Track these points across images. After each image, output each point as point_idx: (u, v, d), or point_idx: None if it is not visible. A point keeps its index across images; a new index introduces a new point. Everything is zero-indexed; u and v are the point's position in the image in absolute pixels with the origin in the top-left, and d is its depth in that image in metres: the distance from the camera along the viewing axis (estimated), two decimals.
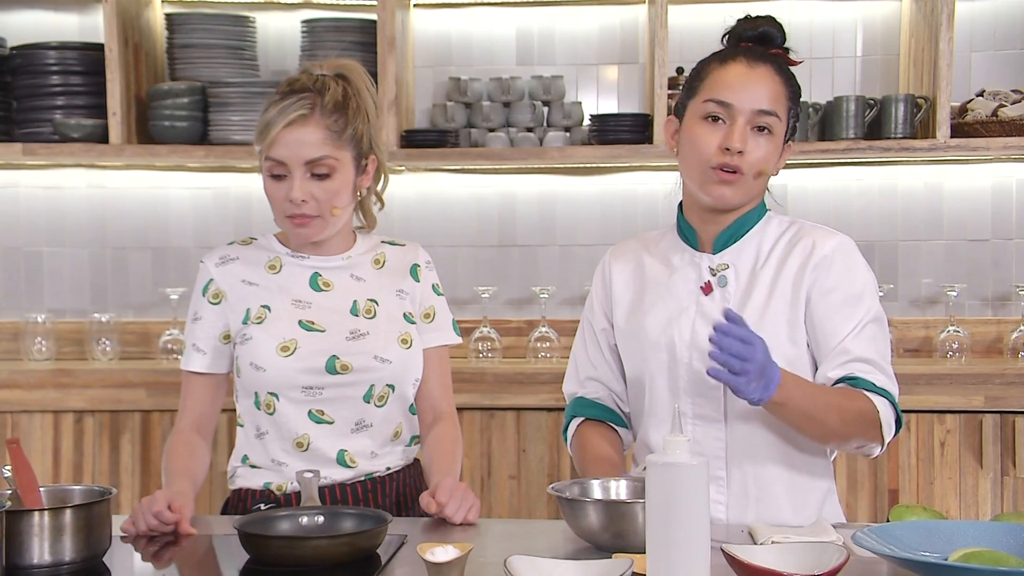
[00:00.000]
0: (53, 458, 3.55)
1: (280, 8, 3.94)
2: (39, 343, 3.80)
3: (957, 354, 3.62)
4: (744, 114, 2.08)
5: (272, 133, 2.14)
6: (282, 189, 2.17)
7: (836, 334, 2.09)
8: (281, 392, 2.21)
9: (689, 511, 1.42)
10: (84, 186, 3.97)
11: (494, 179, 3.93)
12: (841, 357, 2.07)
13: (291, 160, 2.15)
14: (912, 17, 3.74)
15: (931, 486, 3.43)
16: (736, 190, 2.10)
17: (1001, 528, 1.70)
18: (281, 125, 2.13)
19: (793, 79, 2.15)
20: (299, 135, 2.14)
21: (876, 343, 2.10)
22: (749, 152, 2.07)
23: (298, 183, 2.15)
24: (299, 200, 2.15)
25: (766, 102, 2.08)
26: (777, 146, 2.12)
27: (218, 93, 3.67)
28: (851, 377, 2.06)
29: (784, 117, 2.11)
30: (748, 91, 2.08)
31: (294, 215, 2.18)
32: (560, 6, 3.91)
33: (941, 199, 3.84)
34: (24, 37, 3.82)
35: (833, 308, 2.09)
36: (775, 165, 2.14)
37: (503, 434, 3.52)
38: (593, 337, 2.30)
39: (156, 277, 3.95)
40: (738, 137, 2.07)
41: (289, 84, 2.21)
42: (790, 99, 2.12)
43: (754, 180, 2.10)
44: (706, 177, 2.10)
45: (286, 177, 2.16)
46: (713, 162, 2.08)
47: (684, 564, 1.42)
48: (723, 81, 2.10)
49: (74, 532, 1.74)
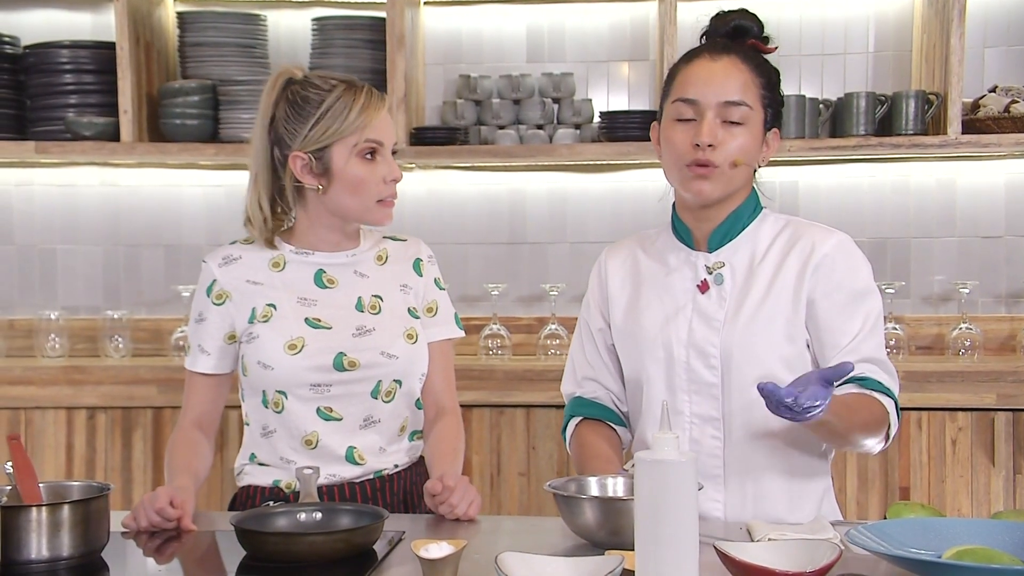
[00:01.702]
0: (66, 454, 3.58)
1: (291, 6, 3.95)
2: (52, 340, 3.83)
3: (969, 351, 3.60)
4: (711, 108, 2.07)
5: (370, 115, 2.20)
6: (378, 170, 2.22)
7: (844, 333, 2.08)
8: (289, 390, 2.22)
9: (677, 508, 1.42)
10: (97, 184, 3.99)
11: (504, 176, 3.93)
12: (851, 357, 2.07)
13: (388, 139, 2.25)
14: (924, 13, 3.72)
15: (942, 484, 3.41)
16: (714, 184, 2.09)
17: (997, 526, 1.69)
18: (378, 108, 2.22)
19: (766, 67, 2.13)
20: (388, 117, 2.26)
21: (880, 342, 2.11)
22: (721, 144, 2.07)
23: (393, 162, 2.26)
24: (399, 176, 2.26)
25: (732, 92, 2.07)
26: (754, 135, 2.10)
27: (228, 91, 3.68)
28: (861, 378, 2.06)
29: (757, 105, 2.10)
30: (712, 85, 2.08)
31: (388, 197, 2.25)
32: (571, 3, 3.91)
33: (954, 195, 3.82)
34: (38, 36, 3.85)
35: (838, 308, 2.09)
36: (757, 156, 2.13)
37: (513, 431, 3.52)
38: (590, 337, 2.30)
39: (169, 274, 3.97)
40: (706, 132, 2.06)
41: (334, 79, 2.24)
42: (763, 87, 2.11)
43: (731, 171, 2.09)
44: (683, 175, 2.11)
45: (380, 157, 2.23)
46: (687, 159, 2.09)
47: (673, 560, 1.41)
48: (688, 79, 2.11)
49: (71, 528, 1.75)
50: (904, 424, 3.40)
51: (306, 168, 2.21)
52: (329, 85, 2.21)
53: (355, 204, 2.23)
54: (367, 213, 2.25)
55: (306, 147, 2.20)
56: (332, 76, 2.25)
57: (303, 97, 2.21)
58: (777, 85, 2.16)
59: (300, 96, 2.21)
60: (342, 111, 2.19)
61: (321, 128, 2.19)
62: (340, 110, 2.19)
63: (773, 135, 2.16)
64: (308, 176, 2.22)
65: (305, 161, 2.21)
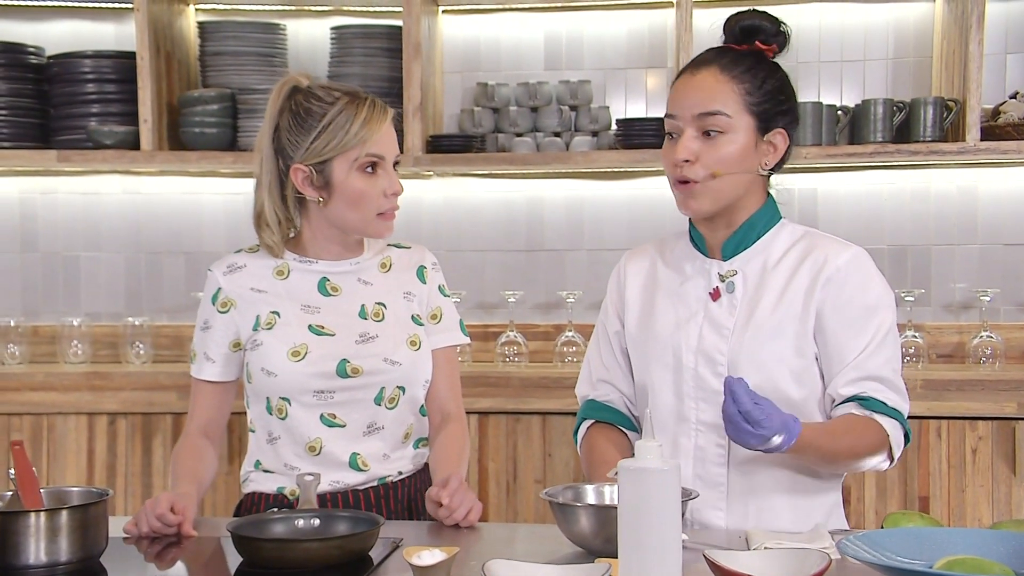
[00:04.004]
0: (87, 459, 3.62)
1: (310, 15, 3.98)
2: (75, 346, 3.87)
3: (990, 360, 3.57)
4: (687, 122, 2.07)
5: (372, 128, 2.21)
6: (379, 184, 2.22)
7: (849, 349, 2.07)
8: (293, 397, 2.24)
9: (660, 516, 1.42)
10: (120, 192, 4.03)
11: (522, 184, 3.94)
12: (854, 373, 2.06)
13: (390, 153, 2.24)
14: (944, 19, 3.70)
15: (963, 494, 3.38)
16: (699, 198, 2.09)
17: (993, 536, 1.67)
18: (380, 121, 2.22)
19: (757, 70, 2.09)
20: (391, 130, 2.26)
21: (889, 359, 2.08)
22: (701, 157, 2.06)
23: (395, 175, 2.26)
24: (400, 190, 2.25)
25: (706, 103, 2.06)
26: (739, 143, 2.07)
27: (247, 100, 3.71)
28: (862, 397, 2.05)
29: (740, 111, 2.06)
30: (687, 98, 2.08)
31: (388, 211, 2.25)
32: (589, 11, 3.91)
33: (975, 203, 3.79)
34: (63, 46, 3.90)
35: (846, 323, 2.07)
36: (751, 163, 2.09)
37: (529, 438, 3.52)
38: (607, 340, 2.30)
39: (189, 281, 4.01)
40: (681, 148, 2.07)
41: (338, 91, 2.25)
42: (748, 92, 2.07)
43: (713, 183, 2.07)
44: (674, 194, 2.12)
45: (381, 171, 2.23)
46: (673, 177, 2.10)
47: (655, 569, 1.41)
48: (673, 94, 2.12)
49: (70, 533, 1.77)
50: (923, 433, 3.38)
51: (307, 180, 2.23)
52: (332, 97, 2.22)
53: (355, 217, 2.24)
54: (367, 226, 2.26)
55: (307, 160, 2.21)
56: (336, 87, 2.26)
57: (306, 109, 2.22)
58: (777, 87, 2.11)
59: (303, 108, 2.22)
60: (343, 125, 2.20)
61: (322, 142, 2.20)
62: (342, 124, 2.20)
63: (779, 136, 2.11)
64: (309, 188, 2.23)
65: (306, 174, 2.22)
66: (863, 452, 2.03)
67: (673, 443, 2.13)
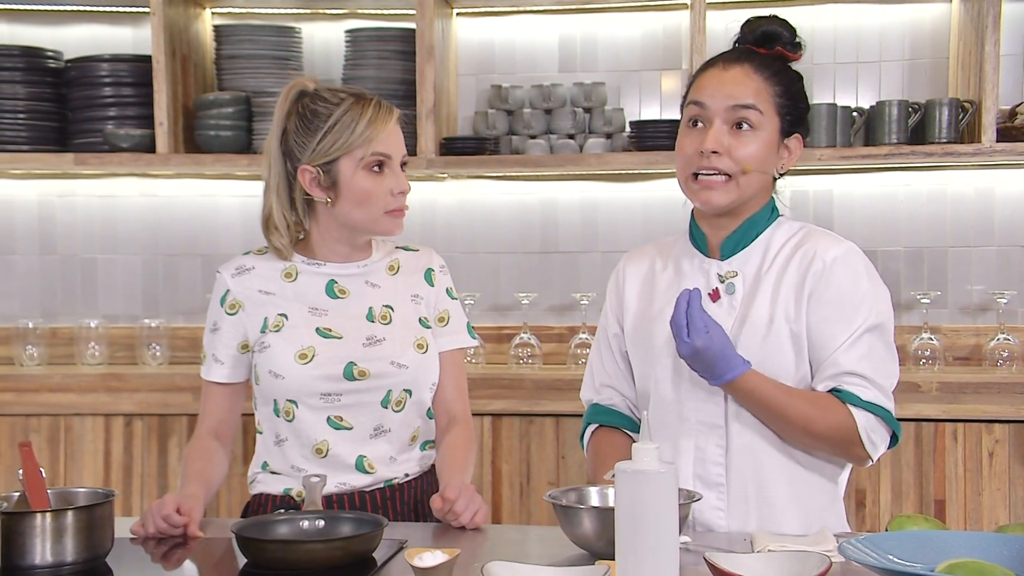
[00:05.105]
0: (104, 460, 3.64)
1: (325, 18, 3.99)
2: (92, 348, 3.89)
3: (1007, 362, 3.55)
4: (719, 113, 2.07)
5: (377, 128, 2.22)
6: (385, 183, 2.23)
7: (829, 345, 2.06)
8: (300, 399, 2.25)
9: (657, 518, 1.42)
10: (136, 195, 4.06)
11: (536, 186, 3.94)
12: (830, 369, 2.05)
13: (396, 152, 2.25)
14: (960, 19, 3.68)
15: (979, 497, 3.36)
16: (724, 192, 2.08)
17: (996, 539, 1.66)
18: (385, 120, 2.23)
19: (785, 74, 2.12)
20: (396, 130, 2.26)
21: (871, 355, 2.06)
22: (731, 150, 2.06)
23: (402, 174, 2.27)
24: (407, 189, 2.26)
25: (742, 97, 2.07)
26: (767, 142, 2.09)
27: (262, 103, 3.72)
28: (839, 390, 2.04)
29: (771, 111, 2.09)
30: (722, 90, 2.08)
31: (397, 208, 2.25)
32: (602, 13, 3.91)
33: (992, 204, 3.77)
34: (82, 50, 3.92)
35: (829, 318, 2.06)
36: (773, 163, 2.12)
37: (542, 440, 3.52)
38: (607, 343, 2.30)
39: (205, 283, 4.02)
40: (712, 138, 2.06)
41: (343, 92, 2.26)
42: (779, 95, 2.10)
43: (743, 178, 2.08)
44: (688, 185, 2.11)
45: (388, 170, 2.24)
46: (692, 167, 2.09)
47: (652, 571, 1.41)
48: (700, 85, 2.12)
49: (75, 533, 1.79)
50: (940, 436, 3.36)
51: (314, 181, 2.24)
52: (338, 99, 2.24)
53: (363, 216, 2.25)
54: (375, 224, 2.26)
55: (314, 160, 2.23)
56: (342, 89, 2.27)
57: (312, 111, 2.23)
58: (799, 92, 2.14)
59: (309, 110, 2.24)
60: (349, 124, 2.21)
61: (329, 142, 2.21)
62: (347, 123, 2.21)
63: (795, 141, 2.14)
64: (316, 189, 2.24)
65: (313, 174, 2.23)
66: (821, 429, 2.02)
67: (673, 443, 2.13)
